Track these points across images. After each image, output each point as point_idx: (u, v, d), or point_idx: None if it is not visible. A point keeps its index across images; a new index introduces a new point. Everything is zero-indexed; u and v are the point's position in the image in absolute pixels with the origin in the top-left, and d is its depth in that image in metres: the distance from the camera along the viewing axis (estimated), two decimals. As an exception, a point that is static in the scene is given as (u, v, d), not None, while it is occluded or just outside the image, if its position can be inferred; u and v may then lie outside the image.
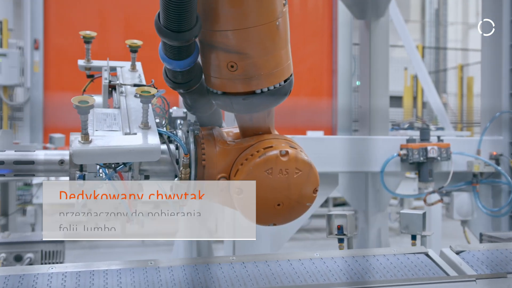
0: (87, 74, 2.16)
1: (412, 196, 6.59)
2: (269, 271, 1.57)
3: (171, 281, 1.45)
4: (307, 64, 9.39)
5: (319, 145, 3.11)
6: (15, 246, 2.64)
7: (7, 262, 2.62)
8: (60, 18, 7.37)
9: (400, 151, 3.42)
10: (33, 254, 2.62)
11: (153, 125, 1.66)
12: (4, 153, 1.68)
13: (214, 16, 1.52)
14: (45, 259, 2.65)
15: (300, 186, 1.72)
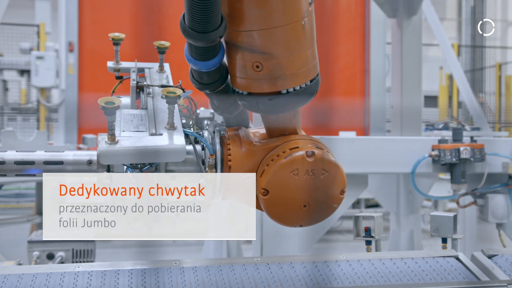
0: (116, 75, 2.18)
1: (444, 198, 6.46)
2: (294, 273, 1.55)
3: (195, 281, 1.45)
4: (340, 64, 9.32)
5: (348, 145, 3.07)
6: (48, 245, 2.70)
7: (40, 260, 2.69)
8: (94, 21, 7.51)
9: (431, 152, 3.35)
10: (64, 253, 2.67)
11: (179, 126, 1.67)
12: (35, 153, 1.71)
13: (239, 16, 1.52)
14: (76, 257, 2.71)
15: (326, 187, 1.71)
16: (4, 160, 1.68)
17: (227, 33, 1.59)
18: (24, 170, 1.69)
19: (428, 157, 3.35)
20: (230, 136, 1.81)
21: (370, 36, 9.09)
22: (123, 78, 2.19)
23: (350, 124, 9.20)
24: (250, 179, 1.76)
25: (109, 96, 1.53)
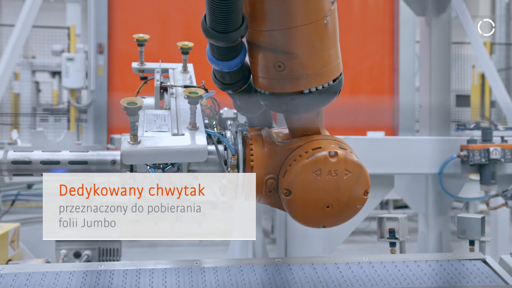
0: (140, 76, 2.20)
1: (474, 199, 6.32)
2: (315, 274, 1.54)
3: (215, 281, 1.45)
4: (368, 63, 9.22)
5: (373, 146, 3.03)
6: (75, 243, 2.74)
7: (67, 258, 2.73)
8: (124, 23, 7.61)
9: (460, 152, 3.28)
10: (90, 252, 2.71)
11: (201, 126, 1.67)
12: (60, 153, 1.74)
13: (261, 16, 1.51)
14: (102, 256, 2.74)
15: (350, 187, 1.68)
16: (31, 160, 1.71)
17: (249, 33, 1.58)
18: (50, 169, 1.72)
19: (456, 157, 3.28)
20: (252, 136, 1.80)
21: (399, 34, 8.97)
22: (148, 79, 2.21)
23: (378, 124, 9.09)
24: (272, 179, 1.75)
25: (131, 97, 1.55)
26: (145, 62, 2.19)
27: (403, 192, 4.50)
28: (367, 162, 1.76)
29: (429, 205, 4.49)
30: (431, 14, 4.63)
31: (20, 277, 1.41)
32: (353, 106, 8.54)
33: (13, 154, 1.71)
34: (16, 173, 1.71)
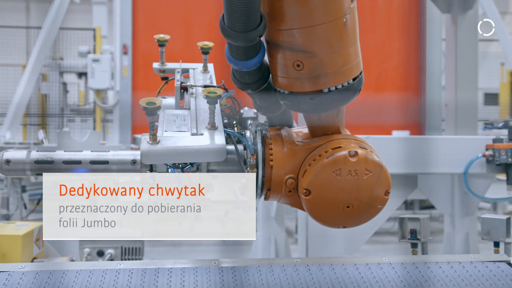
0: (161, 76, 2.22)
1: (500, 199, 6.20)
2: (334, 275, 1.52)
3: (233, 281, 1.45)
4: (393, 61, 9.12)
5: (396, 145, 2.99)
6: (98, 242, 2.78)
7: (90, 256, 2.77)
8: (147, 24, 7.68)
9: (485, 152, 3.21)
10: (113, 250, 2.75)
11: (220, 126, 1.67)
12: (82, 153, 1.76)
13: (279, 15, 1.50)
14: (125, 255, 2.77)
15: (370, 187, 1.66)
16: (53, 159, 1.73)
17: (267, 32, 1.58)
18: (72, 169, 1.74)
19: (481, 157, 3.21)
20: (272, 136, 1.79)
21: (425, 32, 8.85)
22: (169, 79, 2.22)
23: (404, 123, 8.99)
24: (292, 179, 1.75)
25: (151, 97, 1.56)
26: (166, 63, 2.20)
27: (428, 192, 4.43)
28: (389, 162, 1.74)
29: (455, 206, 4.42)
30: (457, 11, 4.55)
31: (41, 275, 1.43)
32: (378, 105, 8.46)
33: (36, 154, 1.74)
34: (39, 172, 1.73)
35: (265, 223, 4.40)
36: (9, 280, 1.41)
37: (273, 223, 4.38)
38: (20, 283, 1.40)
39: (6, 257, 2.59)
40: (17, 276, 1.42)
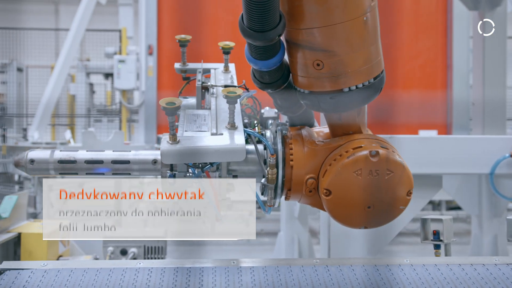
0: (183, 76, 2.22)
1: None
2: (353, 276, 1.50)
3: (251, 281, 1.44)
4: (420, 60, 9.01)
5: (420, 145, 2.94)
6: (121, 241, 2.81)
7: (114, 255, 2.80)
8: (172, 24, 7.75)
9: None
10: (136, 249, 2.77)
11: (240, 126, 1.67)
12: (104, 153, 1.78)
13: (299, 14, 1.49)
14: (148, 254, 2.79)
15: (392, 188, 1.64)
16: (76, 159, 1.76)
17: (287, 31, 1.57)
18: (94, 169, 1.76)
19: (508, 157, 3.14)
20: (292, 136, 1.79)
21: (452, 30, 8.71)
22: (190, 79, 2.23)
23: (431, 122, 8.86)
24: (312, 179, 1.73)
25: (170, 97, 1.56)
26: (187, 63, 2.20)
27: (455, 193, 4.36)
28: (412, 162, 1.71)
29: (482, 207, 4.33)
30: (485, 8, 4.46)
31: (62, 273, 1.46)
32: (405, 104, 8.36)
33: (59, 154, 1.76)
34: (62, 172, 1.76)
35: (288, 223, 4.38)
36: (32, 278, 1.44)
37: (297, 223, 4.37)
38: (42, 280, 1.42)
39: (32, 254, 2.64)
40: (39, 273, 1.45)
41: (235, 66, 2.23)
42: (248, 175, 1.81)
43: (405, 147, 2.68)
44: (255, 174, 1.80)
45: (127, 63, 7.97)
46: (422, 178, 2.66)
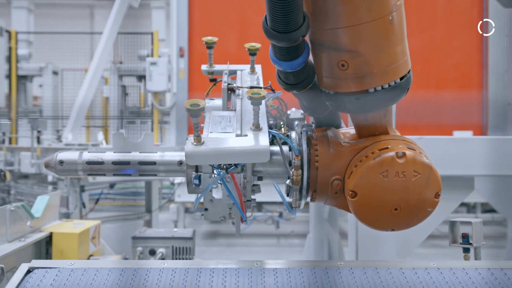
0: (210, 78, 2.23)
1: None
2: (378, 279, 1.48)
3: (274, 283, 1.44)
4: (454, 59, 8.83)
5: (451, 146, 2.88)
6: (150, 241, 2.84)
7: (143, 255, 2.83)
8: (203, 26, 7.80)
9: (550, 153, 3.03)
10: (165, 249, 2.80)
11: (265, 127, 1.66)
12: (130, 154, 1.81)
13: (323, 14, 1.48)
14: (176, 254, 2.82)
15: (419, 190, 1.61)
16: (103, 160, 1.79)
17: (311, 32, 1.56)
18: (121, 170, 1.78)
19: (546, 158, 3.04)
20: (317, 137, 1.78)
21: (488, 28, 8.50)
22: (217, 81, 2.23)
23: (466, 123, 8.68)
24: (338, 181, 1.72)
25: (195, 99, 1.57)
26: (214, 64, 2.21)
27: (489, 195, 4.25)
28: (442, 163, 1.68)
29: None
30: (520, 5, 4.34)
31: (88, 272, 1.48)
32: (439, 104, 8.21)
33: (87, 155, 1.80)
34: (90, 173, 1.79)
35: (318, 225, 4.35)
36: (59, 276, 1.46)
37: (326, 225, 4.33)
38: (69, 279, 1.45)
39: (63, 254, 2.69)
40: (66, 272, 1.48)
41: (262, 67, 2.23)
42: (273, 177, 1.81)
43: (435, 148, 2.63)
44: (280, 176, 1.80)
45: (159, 65, 8.06)
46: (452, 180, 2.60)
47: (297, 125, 1.90)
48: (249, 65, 2.19)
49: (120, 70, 11.69)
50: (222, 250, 7.15)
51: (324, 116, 2.01)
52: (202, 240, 7.69)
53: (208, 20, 7.90)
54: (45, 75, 11.84)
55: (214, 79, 2.24)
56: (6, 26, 8.65)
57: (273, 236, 8.26)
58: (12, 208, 2.44)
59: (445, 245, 7.75)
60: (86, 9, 20.31)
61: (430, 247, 7.49)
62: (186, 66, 7.68)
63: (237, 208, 1.68)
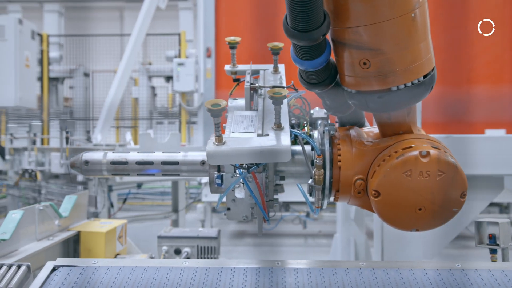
0: (233, 78, 2.24)
1: None
2: (400, 280, 1.46)
3: (295, 283, 1.43)
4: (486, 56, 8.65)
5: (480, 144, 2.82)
6: (175, 240, 2.86)
7: (168, 254, 2.86)
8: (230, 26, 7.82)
9: None
10: (190, 249, 2.82)
11: (286, 126, 1.66)
12: (154, 154, 1.83)
13: (344, 12, 1.47)
14: (201, 253, 2.83)
15: (444, 189, 1.59)
16: (127, 160, 1.81)
17: (332, 30, 1.55)
18: (144, 170, 1.80)
19: None
20: (340, 136, 1.76)
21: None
22: (240, 81, 2.24)
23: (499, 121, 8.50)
24: (361, 180, 1.70)
25: (216, 99, 1.58)
26: (237, 64, 2.22)
27: (521, 195, 4.15)
28: (470, 162, 1.65)
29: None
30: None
31: (111, 270, 1.50)
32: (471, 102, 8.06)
33: (112, 155, 1.82)
34: (115, 173, 1.81)
35: (344, 225, 4.32)
36: (82, 274, 1.49)
37: (353, 225, 4.30)
38: (92, 277, 1.48)
39: (91, 252, 2.74)
40: (90, 271, 1.50)
41: (285, 66, 2.22)
42: (296, 176, 1.80)
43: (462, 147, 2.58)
44: (302, 175, 1.79)
45: (186, 66, 8.13)
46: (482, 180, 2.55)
47: (319, 125, 1.89)
48: (272, 65, 2.19)
49: (149, 71, 11.83)
50: (249, 250, 7.16)
51: (348, 115, 1.99)
52: (229, 239, 7.73)
53: (234, 20, 7.92)
54: (76, 77, 12.07)
55: (237, 79, 2.24)
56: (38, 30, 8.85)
57: (300, 236, 8.24)
58: (41, 207, 2.49)
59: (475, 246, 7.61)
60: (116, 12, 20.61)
61: (460, 248, 7.36)
62: (213, 66, 7.72)
63: (259, 208, 1.68)
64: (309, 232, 8.43)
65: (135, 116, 12.47)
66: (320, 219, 8.58)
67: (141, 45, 7.39)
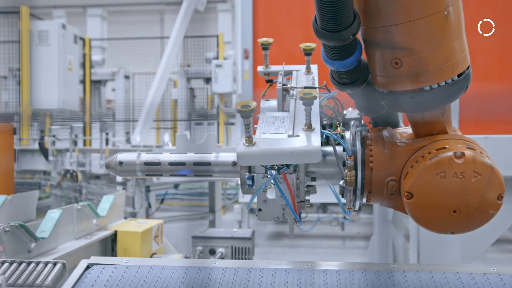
0: (266, 79, 2.24)
1: None
2: (432, 283, 1.42)
3: (324, 284, 1.42)
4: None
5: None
6: (210, 241, 2.88)
7: (203, 254, 2.88)
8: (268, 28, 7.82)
9: None
10: (224, 249, 2.83)
11: (317, 127, 1.65)
12: (186, 155, 1.85)
13: (375, 12, 1.46)
14: (235, 254, 2.84)
15: (479, 191, 1.54)
16: (160, 161, 1.83)
17: (363, 30, 1.53)
18: (177, 170, 1.82)
19: None
20: (372, 137, 1.74)
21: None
22: (273, 82, 2.24)
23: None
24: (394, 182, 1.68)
25: (246, 100, 1.58)
26: (270, 65, 2.22)
27: None
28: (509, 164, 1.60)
29: None
30: None
31: (142, 269, 1.53)
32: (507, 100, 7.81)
33: (145, 156, 1.85)
34: (148, 173, 1.84)
35: (382, 227, 4.26)
36: (114, 273, 1.52)
37: (390, 227, 4.23)
38: (124, 275, 1.51)
39: (127, 251, 2.79)
40: (122, 269, 1.53)
41: (318, 67, 2.21)
42: (327, 177, 1.79)
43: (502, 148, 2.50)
44: (334, 176, 1.78)
45: (224, 68, 8.19)
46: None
47: (352, 125, 1.87)
48: (305, 66, 2.18)
49: (188, 73, 11.96)
50: (286, 251, 7.15)
51: (381, 115, 1.97)
52: (267, 240, 7.74)
53: (272, 21, 7.92)
54: (117, 80, 12.33)
55: (270, 80, 2.25)
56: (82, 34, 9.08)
57: (338, 238, 8.16)
58: (79, 207, 2.55)
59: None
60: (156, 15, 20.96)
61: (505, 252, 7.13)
62: (250, 68, 7.74)
63: (290, 209, 1.67)
64: (347, 233, 8.35)
65: (175, 118, 12.63)
66: (358, 221, 8.48)
67: (179, 47, 7.48)
